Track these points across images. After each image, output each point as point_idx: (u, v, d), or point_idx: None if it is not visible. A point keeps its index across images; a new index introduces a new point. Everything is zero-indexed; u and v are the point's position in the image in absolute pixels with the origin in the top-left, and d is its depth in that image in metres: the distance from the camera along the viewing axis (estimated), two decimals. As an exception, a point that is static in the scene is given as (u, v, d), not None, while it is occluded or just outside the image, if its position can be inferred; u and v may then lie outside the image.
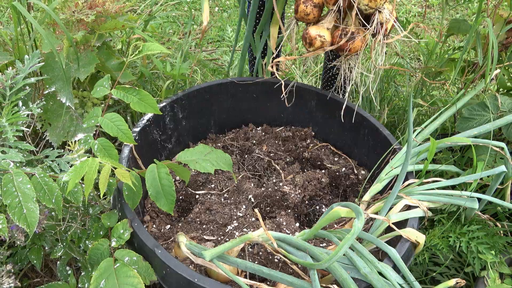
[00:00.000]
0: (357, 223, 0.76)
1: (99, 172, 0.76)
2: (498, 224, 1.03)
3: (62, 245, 0.95)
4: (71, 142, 0.84)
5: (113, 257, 0.82)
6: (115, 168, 0.78)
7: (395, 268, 0.84)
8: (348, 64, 1.03)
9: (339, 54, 1.04)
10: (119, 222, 0.88)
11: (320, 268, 0.81)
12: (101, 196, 0.76)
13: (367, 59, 1.01)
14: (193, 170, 1.20)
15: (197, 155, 0.88)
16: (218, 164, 0.87)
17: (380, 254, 0.92)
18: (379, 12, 0.94)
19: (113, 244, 0.86)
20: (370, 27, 0.95)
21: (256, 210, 0.90)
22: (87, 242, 0.94)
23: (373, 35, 0.96)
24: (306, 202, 1.13)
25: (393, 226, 0.90)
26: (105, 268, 0.80)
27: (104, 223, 0.90)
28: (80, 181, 0.78)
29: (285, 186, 1.15)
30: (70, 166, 0.92)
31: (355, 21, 0.98)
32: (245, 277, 0.93)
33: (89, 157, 0.78)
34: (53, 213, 0.95)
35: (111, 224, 0.90)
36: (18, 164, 0.84)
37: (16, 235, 0.88)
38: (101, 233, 0.91)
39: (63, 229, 0.94)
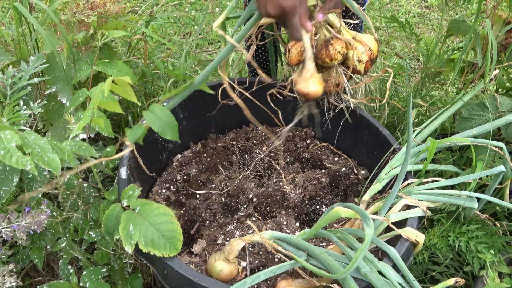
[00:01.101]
0: (368, 230, 0.76)
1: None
2: (497, 223, 1.04)
3: (65, 237, 0.95)
4: (68, 114, 0.87)
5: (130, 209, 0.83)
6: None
7: (395, 267, 0.84)
8: (327, 100, 1.18)
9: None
10: (126, 187, 0.89)
11: (335, 279, 0.81)
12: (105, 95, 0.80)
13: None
14: (194, 170, 1.20)
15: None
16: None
17: (380, 254, 0.93)
18: (335, 67, 1.05)
19: (124, 204, 0.86)
20: (329, 80, 1.07)
21: (249, 222, 0.91)
22: (90, 233, 0.95)
23: (337, 85, 1.09)
24: (306, 201, 1.14)
25: (393, 226, 0.90)
26: (128, 217, 0.81)
27: (108, 198, 0.91)
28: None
29: (285, 186, 1.15)
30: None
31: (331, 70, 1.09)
32: (245, 276, 0.94)
33: None
34: (54, 213, 0.96)
35: (115, 197, 0.91)
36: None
37: (18, 234, 0.88)
38: None
39: (64, 216, 0.94)
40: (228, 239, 1.03)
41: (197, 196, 1.15)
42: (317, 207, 1.13)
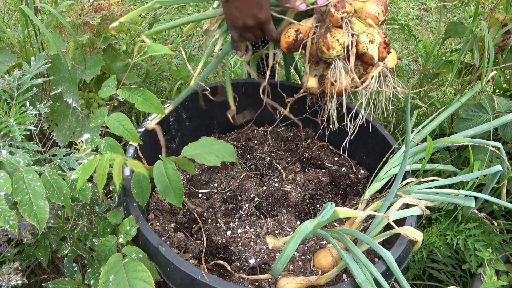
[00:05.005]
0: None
1: (110, 166, 0.77)
2: (494, 222, 1.05)
3: (69, 243, 0.97)
4: (79, 142, 0.86)
5: (121, 253, 0.84)
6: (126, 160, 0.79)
7: (389, 271, 0.85)
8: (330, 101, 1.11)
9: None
10: (125, 219, 0.90)
11: None
12: (117, 189, 0.77)
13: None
14: (196, 170, 1.22)
15: (202, 148, 0.89)
16: (223, 156, 0.88)
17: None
18: (335, 61, 0.97)
19: (121, 240, 0.87)
20: (330, 76, 1.00)
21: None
22: (93, 239, 0.96)
23: (332, 84, 1.02)
24: (307, 200, 1.15)
25: (392, 223, 0.91)
26: (113, 263, 0.81)
27: (110, 220, 0.92)
28: (88, 179, 0.80)
29: (286, 185, 1.17)
30: (79, 164, 0.94)
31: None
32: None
33: (96, 155, 0.80)
34: (59, 212, 0.97)
35: (117, 221, 0.92)
36: (26, 163, 0.86)
37: (23, 233, 0.90)
38: (108, 230, 0.93)
39: (70, 227, 0.96)
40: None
41: (200, 195, 1.17)
42: (318, 206, 1.14)
